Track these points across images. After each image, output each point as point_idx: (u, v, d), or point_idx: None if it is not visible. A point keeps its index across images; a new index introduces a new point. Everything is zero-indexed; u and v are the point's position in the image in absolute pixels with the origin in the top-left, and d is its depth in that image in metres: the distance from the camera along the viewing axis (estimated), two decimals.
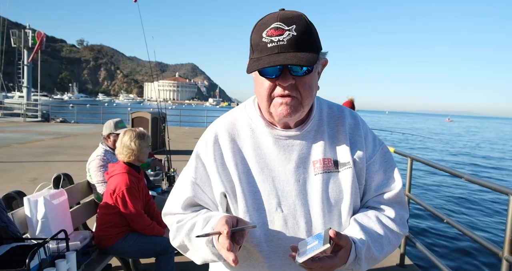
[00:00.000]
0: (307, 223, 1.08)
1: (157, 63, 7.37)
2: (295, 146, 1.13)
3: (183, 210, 1.15)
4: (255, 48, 1.03)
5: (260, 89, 1.06)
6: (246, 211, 1.08)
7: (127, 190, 2.77)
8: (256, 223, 1.08)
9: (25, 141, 12.87)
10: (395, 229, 1.14)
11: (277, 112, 1.05)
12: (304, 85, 1.03)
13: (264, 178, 1.10)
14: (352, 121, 1.20)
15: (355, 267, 1.04)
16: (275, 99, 1.04)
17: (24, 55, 26.90)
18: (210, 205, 1.15)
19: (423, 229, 7.35)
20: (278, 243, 1.08)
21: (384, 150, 1.21)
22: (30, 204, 2.53)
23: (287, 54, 0.97)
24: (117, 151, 3.00)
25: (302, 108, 1.06)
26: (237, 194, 1.09)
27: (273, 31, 0.98)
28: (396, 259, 4.01)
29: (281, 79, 1.01)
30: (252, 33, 1.04)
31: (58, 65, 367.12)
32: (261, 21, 1.03)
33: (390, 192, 1.16)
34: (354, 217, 1.12)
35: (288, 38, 0.97)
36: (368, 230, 1.08)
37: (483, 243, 2.56)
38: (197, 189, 1.14)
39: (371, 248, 1.06)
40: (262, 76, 1.04)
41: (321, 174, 1.10)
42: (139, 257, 3.20)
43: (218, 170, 1.12)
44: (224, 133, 1.16)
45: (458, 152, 23.85)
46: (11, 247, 2.10)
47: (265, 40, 0.99)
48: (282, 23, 0.98)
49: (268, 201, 1.09)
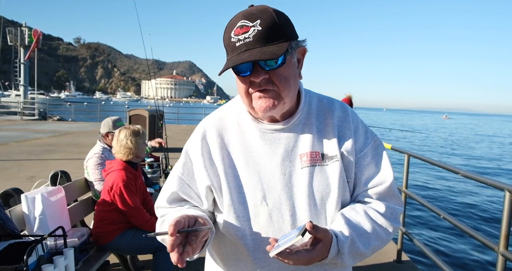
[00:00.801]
0: (292, 217, 1.08)
1: (154, 61, 7.36)
2: (282, 139, 1.12)
3: (168, 204, 1.18)
4: (228, 49, 1.04)
5: (238, 87, 1.08)
6: (231, 204, 1.09)
7: (124, 186, 2.77)
8: (241, 216, 1.09)
9: (22, 139, 12.83)
10: (385, 224, 1.11)
11: (258, 106, 1.05)
12: (279, 77, 1.02)
13: (249, 171, 1.11)
14: (342, 114, 1.18)
15: (338, 261, 1.03)
16: (253, 95, 1.05)
17: (21, 54, 26.71)
18: (196, 199, 1.16)
19: (420, 225, 7.39)
20: (262, 237, 1.09)
21: (376, 143, 1.18)
22: (28, 201, 2.52)
23: (253, 50, 0.97)
24: (114, 150, 3.00)
25: (282, 100, 1.05)
26: (222, 187, 1.10)
27: (239, 29, 0.99)
28: (393, 255, 4.03)
29: (253, 75, 1.02)
30: (223, 35, 1.05)
31: (55, 63, 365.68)
32: (230, 22, 1.04)
33: (381, 185, 1.14)
34: (341, 211, 1.11)
35: (253, 34, 0.98)
36: (353, 224, 1.07)
37: (479, 238, 2.58)
38: (183, 183, 1.16)
39: (355, 242, 1.04)
40: (237, 75, 1.05)
41: (308, 167, 1.10)
42: (137, 253, 3.20)
43: (205, 165, 1.13)
44: (212, 129, 1.17)
45: (456, 148, 23.93)
46: (9, 244, 2.10)
47: (233, 40, 1.00)
48: (246, 20, 0.99)
49: (253, 194, 1.09)
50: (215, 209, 1.17)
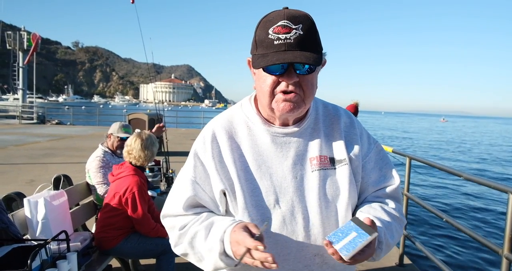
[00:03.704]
0: (304, 219, 1.10)
1: (151, 65, 7.37)
2: (292, 143, 1.14)
3: (184, 210, 1.14)
4: (259, 44, 1.04)
5: (262, 85, 1.07)
6: (245, 208, 1.09)
7: (138, 192, 2.75)
8: (255, 220, 1.09)
9: (21, 143, 12.79)
10: (398, 219, 1.18)
11: (280, 108, 1.06)
12: (307, 83, 1.05)
13: (262, 174, 1.12)
14: (348, 120, 1.24)
15: (376, 253, 1.07)
16: (277, 95, 1.06)
17: (20, 58, 26.70)
18: (210, 204, 1.15)
19: (422, 228, 7.37)
20: (275, 239, 1.10)
21: (378, 148, 1.25)
22: (30, 205, 2.51)
23: (295, 52, 0.99)
24: (133, 155, 2.95)
25: (304, 105, 1.08)
26: (236, 191, 1.10)
27: (280, 28, 1.00)
28: (395, 258, 4.02)
29: (286, 76, 1.03)
30: (257, 29, 1.05)
31: (53, 67, 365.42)
32: (266, 18, 1.04)
33: (389, 187, 1.21)
34: (360, 209, 1.15)
35: (295, 36, 0.99)
36: (378, 218, 1.11)
37: (483, 241, 2.57)
38: (198, 187, 1.14)
39: (386, 233, 1.09)
40: (266, 72, 1.05)
41: (318, 170, 1.13)
42: (140, 257, 3.18)
43: (216, 168, 1.12)
44: (222, 131, 1.17)
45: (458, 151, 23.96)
46: (12, 248, 2.09)
47: (271, 37, 1.00)
48: (289, 21, 1.00)
49: (267, 197, 1.10)
50: (227, 213, 1.16)
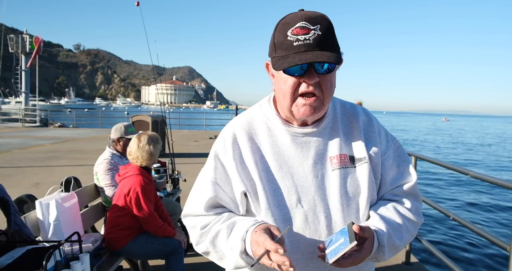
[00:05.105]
0: (326, 218, 1.11)
1: (155, 67, 7.40)
2: (312, 143, 1.15)
3: (205, 211, 1.16)
4: (278, 46, 1.05)
5: (283, 87, 1.08)
6: (268, 208, 1.10)
7: (141, 191, 2.79)
8: (278, 220, 1.10)
9: (25, 146, 12.85)
10: (412, 218, 1.18)
11: (300, 112, 1.08)
12: (327, 83, 1.06)
13: (283, 175, 1.13)
14: (366, 118, 1.23)
15: (379, 255, 1.08)
16: (298, 100, 1.07)
17: (22, 61, 26.81)
18: (230, 204, 1.17)
19: (429, 226, 7.37)
20: (299, 238, 1.11)
21: (396, 145, 1.25)
22: (42, 207, 2.54)
23: (315, 52, 1.00)
24: (132, 156, 2.99)
25: (323, 107, 1.09)
26: (258, 191, 1.11)
27: (299, 30, 1.01)
28: (402, 256, 4.03)
29: (306, 77, 1.03)
30: (275, 32, 1.07)
31: (55, 70, 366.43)
32: (284, 20, 1.05)
33: (406, 184, 1.21)
34: (373, 208, 1.16)
35: (314, 37, 1.00)
36: (387, 220, 1.12)
37: (490, 238, 2.59)
38: (218, 188, 1.16)
39: (392, 236, 1.10)
40: (286, 74, 1.06)
41: (339, 169, 1.14)
42: (149, 258, 3.21)
43: (237, 169, 1.14)
44: (242, 132, 1.18)
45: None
46: (27, 249, 2.12)
47: (290, 38, 1.01)
48: (308, 22, 1.01)
49: (289, 197, 1.11)
50: (247, 213, 1.18)
